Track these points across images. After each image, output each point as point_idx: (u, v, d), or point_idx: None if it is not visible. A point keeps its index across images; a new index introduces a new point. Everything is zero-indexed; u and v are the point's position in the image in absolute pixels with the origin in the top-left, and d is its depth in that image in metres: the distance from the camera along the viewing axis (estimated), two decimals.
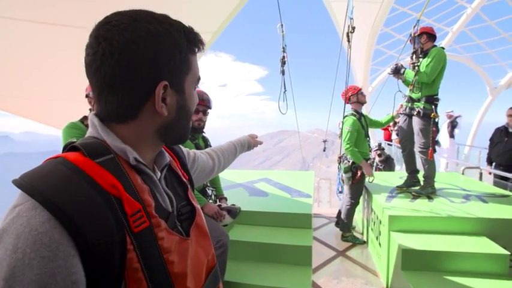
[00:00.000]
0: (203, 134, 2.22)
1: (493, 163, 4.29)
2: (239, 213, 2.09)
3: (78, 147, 0.50)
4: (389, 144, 8.38)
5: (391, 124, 8.32)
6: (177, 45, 0.54)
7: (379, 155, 5.74)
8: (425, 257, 2.20)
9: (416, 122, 3.00)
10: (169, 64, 0.53)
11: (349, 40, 2.91)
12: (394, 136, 8.28)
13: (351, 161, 3.34)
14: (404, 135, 3.25)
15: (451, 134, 7.16)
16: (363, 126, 3.36)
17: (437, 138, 3.06)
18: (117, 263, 0.44)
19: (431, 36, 2.95)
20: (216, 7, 3.73)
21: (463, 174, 4.27)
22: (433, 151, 2.97)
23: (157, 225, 0.51)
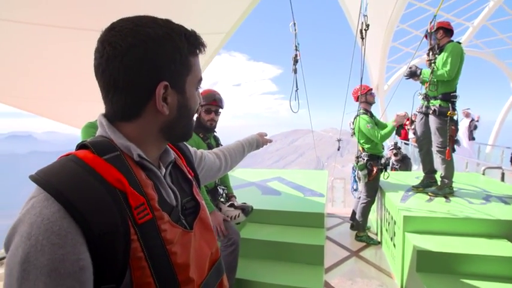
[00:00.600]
0: (214, 134, 2.25)
1: None
2: (251, 211, 2.11)
3: (88, 146, 0.54)
4: (406, 143, 8.18)
5: (408, 123, 8.11)
6: (177, 47, 0.57)
7: (395, 154, 5.61)
8: (441, 258, 2.14)
9: (433, 120, 2.93)
10: (169, 65, 0.56)
11: (363, 37, 2.86)
12: (411, 135, 8.07)
13: (365, 158, 3.31)
14: (421, 134, 3.17)
15: (470, 137, 6.91)
16: (376, 123, 3.33)
17: (456, 137, 2.97)
18: (121, 251, 0.48)
19: (447, 31, 2.86)
20: (228, 7, 3.76)
21: (484, 174, 4.12)
22: (452, 150, 2.88)
23: (160, 218, 0.54)
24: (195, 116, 1.86)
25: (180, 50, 0.57)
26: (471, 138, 6.89)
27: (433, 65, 2.78)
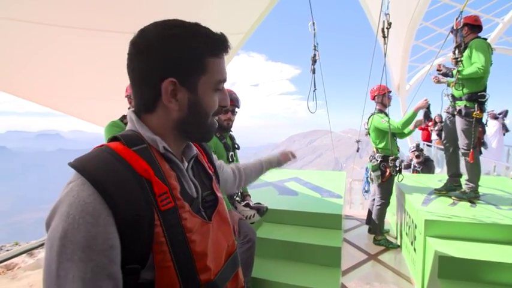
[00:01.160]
0: (230, 133, 2.27)
1: None
2: (266, 212, 2.11)
3: (119, 138, 0.60)
4: (428, 145, 7.89)
5: (431, 124, 7.82)
6: (191, 47, 0.60)
7: (417, 156, 5.43)
8: (464, 265, 2.05)
9: (459, 121, 2.81)
10: (179, 63, 0.60)
11: (385, 36, 2.79)
12: (434, 136, 7.78)
13: (379, 159, 3.25)
14: (447, 135, 3.06)
15: (505, 131, 6.50)
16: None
17: (483, 139, 2.84)
18: (146, 234, 0.53)
19: (474, 27, 2.73)
20: (247, 7, 3.77)
21: None
22: (478, 153, 2.76)
23: (182, 207, 0.59)
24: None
25: (193, 50, 0.60)
26: (505, 132, 6.48)
27: (459, 63, 2.67)
